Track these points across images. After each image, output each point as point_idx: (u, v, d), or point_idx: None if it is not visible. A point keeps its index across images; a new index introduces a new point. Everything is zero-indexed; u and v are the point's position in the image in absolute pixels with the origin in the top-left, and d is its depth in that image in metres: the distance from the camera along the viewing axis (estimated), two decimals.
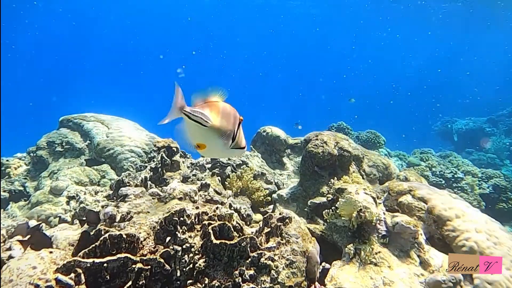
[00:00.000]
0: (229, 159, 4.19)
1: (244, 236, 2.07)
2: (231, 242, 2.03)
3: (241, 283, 1.94)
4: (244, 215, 3.15)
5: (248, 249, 2.06)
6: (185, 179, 3.49)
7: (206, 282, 1.90)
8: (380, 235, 2.56)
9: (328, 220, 2.82)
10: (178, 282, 1.92)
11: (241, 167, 4.03)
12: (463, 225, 2.56)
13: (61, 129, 4.87)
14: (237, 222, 2.26)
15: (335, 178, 3.37)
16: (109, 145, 4.58)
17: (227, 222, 2.11)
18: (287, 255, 2.14)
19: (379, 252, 2.47)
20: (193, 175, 3.55)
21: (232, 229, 2.10)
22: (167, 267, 1.90)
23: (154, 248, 1.99)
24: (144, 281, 1.76)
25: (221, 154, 1.20)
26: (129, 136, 4.97)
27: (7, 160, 4.25)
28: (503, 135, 14.42)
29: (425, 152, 9.68)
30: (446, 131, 16.77)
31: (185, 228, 2.09)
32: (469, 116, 16.84)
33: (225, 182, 3.84)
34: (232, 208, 3.06)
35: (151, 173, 3.38)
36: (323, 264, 2.57)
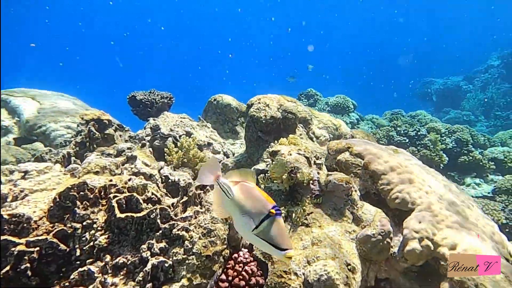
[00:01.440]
0: (171, 130, 4.00)
1: (153, 207, 1.94)
2: (139, 214, 1.90)
3: (149, 257, 1.83)
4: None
5: (159, 220, 1.93)
6: (119, 153, 3.29)
7: (108, 259, 1.77)
8: (313, 196, 2.49)
9: (264, 185, 2.73)
10: (78, 262, 1.78)
11: (182, 137, 3.84)
12: (397, 177, 2.52)
13: None
14: (153, 194, 2.12)
15: (276, 142, 3.26)
16: (40, 121, 4.28)
17: (135, 194, 1.97)
18: (205, 224, 2.04)
19: (312, 212, 2.42)
20: (128, 148, 3.35)
21: (140, 201, 1.96)
22: (63, 247, 1.76)
23: (52, 227, 1.83)
24: (29, 264, 1.61)
25: (245, 234, 1.14)
26: (66, 111, 4.67)
27: None
28: (479, 91, 14.73)
29: (396, 113, 9.76)
30: (426, 93, 16.99)
31: (87, 203, 1.93)
32: (447, 75, 17.05)
33: (165, 155, 3.66)
34: (170, 180, 2.92)
35: (77, 148, 3.17)
36: None
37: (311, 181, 2.52)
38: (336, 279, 1.96)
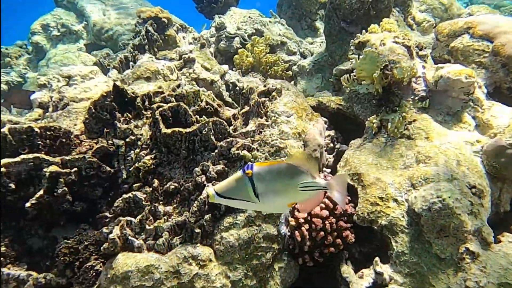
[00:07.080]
0: (238, 29, 3.36)
1: (205, 121, 1.49)
2: (188, 130, 1.47)
3: (205, 182, 1.45)
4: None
5: (213, 137, 1.50)
6: (181, 57, 2.85)
7: (155, 185, 1.44)
8: (416, 98, 1.79)
9: (348, 88, 2.08)
10: (126, 186, 1.49)
11: (252, 38, 3.18)
12: None
13: (56, 9, 4.29)
14: (207, 103, 1.65)
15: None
16: (107, 24, 3.98)
17: (182, 104, 1.52)
18: (272, 141, 1.55)
19: (415, 120, 1.76)
20: (190, 51, 2.88)
21: (190, 112, 1.52)
22: (106, 168, 1.46)
23: (91, 144, 1.54)
24: (65, 188, 1.34)
25: None
26: (132, 12, 4.26)
27: (7, 49, 3.94)
28: None
29: None
30: None
31: (129, 115, 1.56)
32: None
33: (233, 58, 3.12)
34: (238, 88, 2.46)
35: (136, 51, 2.79)
36: (339, 146, 1.97)
37: (413, 79, 1.79)
38: (456, 207, 1.39)
